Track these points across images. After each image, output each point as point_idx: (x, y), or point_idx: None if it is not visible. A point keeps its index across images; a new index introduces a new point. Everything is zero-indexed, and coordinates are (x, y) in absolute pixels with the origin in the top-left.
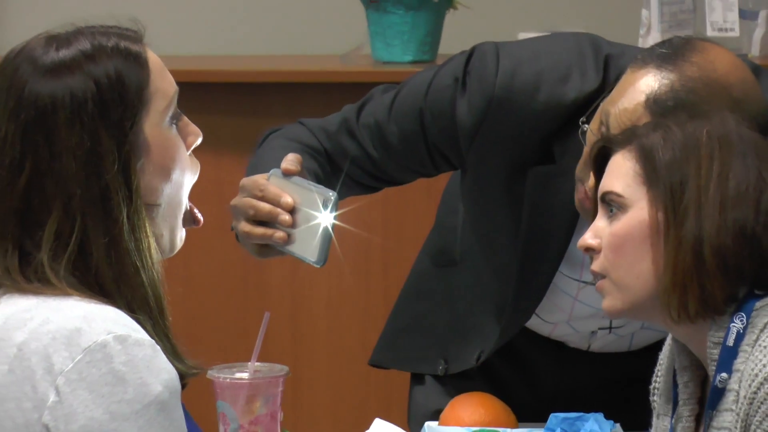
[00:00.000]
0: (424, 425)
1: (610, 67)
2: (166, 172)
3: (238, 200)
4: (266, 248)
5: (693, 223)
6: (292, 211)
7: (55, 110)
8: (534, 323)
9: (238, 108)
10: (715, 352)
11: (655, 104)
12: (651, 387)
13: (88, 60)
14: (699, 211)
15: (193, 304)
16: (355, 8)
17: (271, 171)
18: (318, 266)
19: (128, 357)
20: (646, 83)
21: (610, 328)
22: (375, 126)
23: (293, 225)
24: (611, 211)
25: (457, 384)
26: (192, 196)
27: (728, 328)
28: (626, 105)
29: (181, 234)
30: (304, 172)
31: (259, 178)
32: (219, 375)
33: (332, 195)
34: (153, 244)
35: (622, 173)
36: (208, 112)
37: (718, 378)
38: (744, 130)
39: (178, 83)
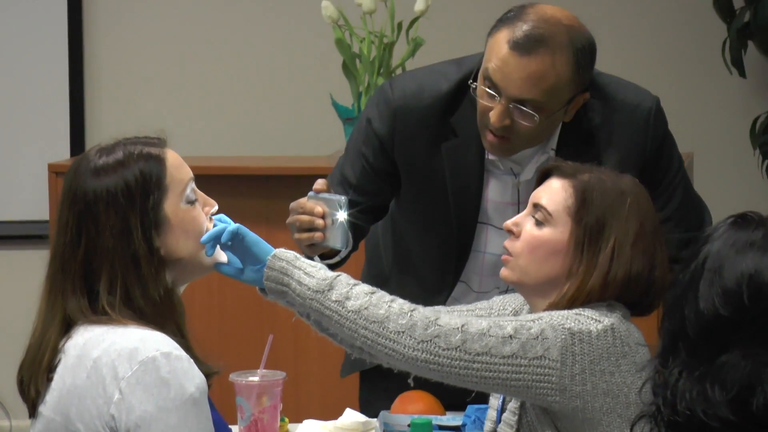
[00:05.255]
0: (380, 412)
1: (464, 61)
2: (185, 236)
3: (290, 218)
4: (314, 246)
5: (607, 260)
6: (324, 216)
7: (96, 202)
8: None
9: (250, 193)
10: None
11: (516, 46)
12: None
13: (121, 165)
14: (613, 255)
15: (221, 328)
16: (335, 124)
17: (309, 194)
18: (343, 250)
19: (171, 367)
20: (504, 37)
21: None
22: (341, 177)
23: (326, 227)
24: (536, 216)
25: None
26: None
27: None
28: (496, 57)
29: (206, 264)
30: (330, 190)
31: (301, 200)
32: (237, 378)
33: (343, 198)
34: (173, 290)
35: (556, 198)
36: (229, 196)
37: None
38: (651, 207)
39: (212, 176)
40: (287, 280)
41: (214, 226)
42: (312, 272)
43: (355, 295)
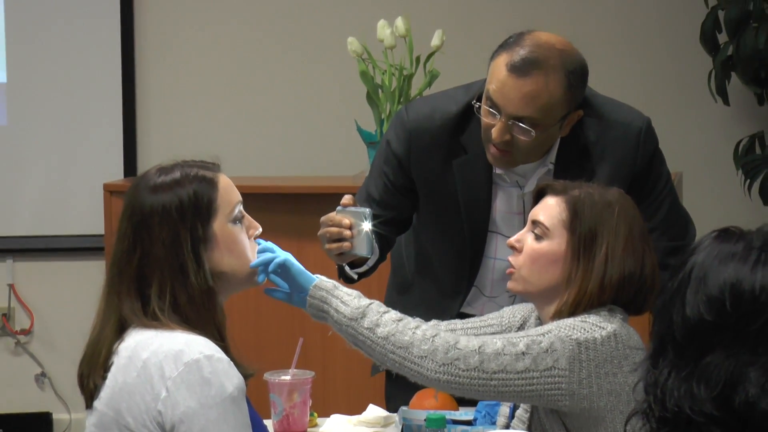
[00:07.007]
0: (399, 408)
1: (472, 86)
2: (229, 253)
3: (320, 231)
4: (342, 255)
5: (602, 264)
6: (351, 227)
7: (152, 215)
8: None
9: (282, 210)
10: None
11: (513, 69)
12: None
13: (177, 184)
14: (607, 259)
15: (257, 332)
16: (360, 147)
17: (337, 208)
18: (369, 257)
19: (212, 368)
20: (503, 61)
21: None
22: (367, 194)
23: (353, 237)
24: (535, 231)
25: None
26: None
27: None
28: (496, 80)
29: (247, 280)
30: (357, 204)
31: (330, 214)
32: (271, 377)
33: (368, 211)
34: (218, 299)
35: (552, 213)
36: (266, 212)
37: None
38: (638, 213)
39: (249, 194)
40: (326, 308)
41: (258, 250)
42: (348, 301)
43: (384, 323)
